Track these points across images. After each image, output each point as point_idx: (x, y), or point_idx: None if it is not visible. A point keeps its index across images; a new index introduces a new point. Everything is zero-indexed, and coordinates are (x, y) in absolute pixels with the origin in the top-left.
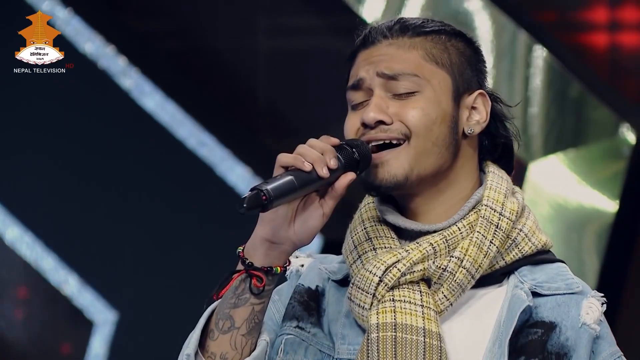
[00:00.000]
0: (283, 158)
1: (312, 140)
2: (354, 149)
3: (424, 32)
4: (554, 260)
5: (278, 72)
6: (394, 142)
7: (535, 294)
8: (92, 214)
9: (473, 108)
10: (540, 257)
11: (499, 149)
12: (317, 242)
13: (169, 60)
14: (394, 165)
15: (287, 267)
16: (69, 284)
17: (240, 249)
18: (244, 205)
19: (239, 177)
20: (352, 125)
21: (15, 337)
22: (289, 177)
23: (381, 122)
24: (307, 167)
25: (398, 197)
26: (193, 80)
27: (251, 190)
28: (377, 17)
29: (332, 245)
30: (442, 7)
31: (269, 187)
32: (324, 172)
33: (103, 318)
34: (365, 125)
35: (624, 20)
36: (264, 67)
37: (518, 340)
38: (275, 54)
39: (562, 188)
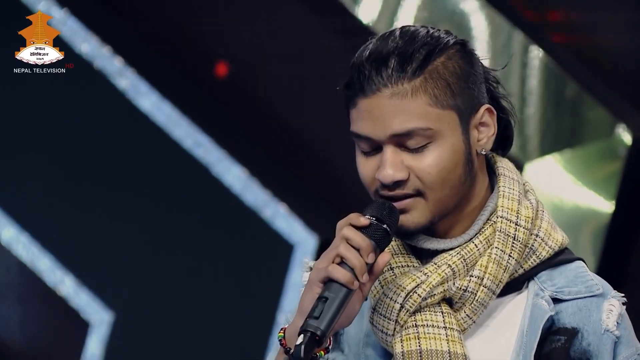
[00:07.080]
0: (335, 273)
1: (347, 233)
2: (385, 225)
3: (421, 67)
4: (571, 260)
5: (275, 72)
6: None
7: (556, 300)
8: (88, 214)
9: (481, 124)
10: (558, 259)
11: (501, 135)
12: (312, 241)
13: (165, 60)
14: (415, 215)
15: (329, 347)
16: (65, 284)
17: (280, 335)
18: (302, 356)
19: (235, 177)
20: (367, 176)
21: (11, 338)
22: (330, 297)
23: (399, 181)
24: (356, 285)
25: None
26: (189, 80)
27: (302, 332)
28: (373, 18)
29: (328, 245)
30: (438, 8)
31: (318, 324)
32: (363, 279)
33: (99, 319)
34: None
35: (620, 21)
36: (261, 67)
37: (542, 349)
38: (272, 55)
39: (558, 188)
